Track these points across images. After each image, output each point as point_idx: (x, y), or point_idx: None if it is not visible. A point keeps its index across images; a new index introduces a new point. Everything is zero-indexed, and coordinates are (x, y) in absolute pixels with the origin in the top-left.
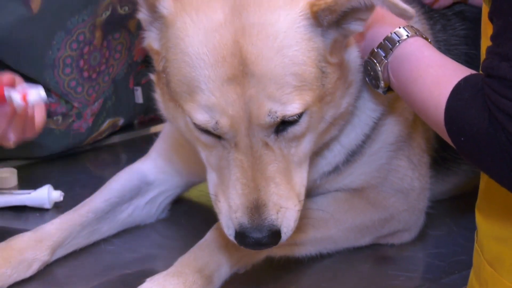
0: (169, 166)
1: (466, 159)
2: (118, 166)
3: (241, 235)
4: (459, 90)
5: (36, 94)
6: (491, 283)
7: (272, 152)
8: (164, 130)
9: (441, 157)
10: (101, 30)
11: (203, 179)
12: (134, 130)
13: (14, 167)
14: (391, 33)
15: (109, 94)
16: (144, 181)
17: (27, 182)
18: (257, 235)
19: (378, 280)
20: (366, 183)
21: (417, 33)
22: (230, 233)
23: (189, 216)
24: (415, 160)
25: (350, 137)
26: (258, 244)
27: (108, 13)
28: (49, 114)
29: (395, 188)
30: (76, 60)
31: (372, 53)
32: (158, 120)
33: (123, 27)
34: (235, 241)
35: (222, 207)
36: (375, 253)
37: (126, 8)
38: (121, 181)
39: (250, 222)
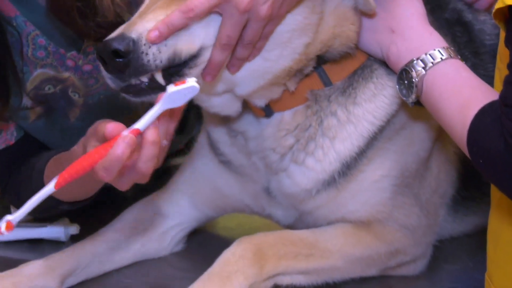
0: (185, 199)
1: (486, 178)
2: (136, 198)
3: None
4: (483, 114)
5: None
6: None
7: None
8: (185, 163)
9: (461, 196)
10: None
11: (219, 214)
12: None
13: None
14: (434, 49)
15: None
16: (158, 213)
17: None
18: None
19: None
20: (372, 216)
21: (458, 57)
22: None
23: (203, 248)
24: (424, 199)
25: (345, 145)
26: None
27: None
28: None
29: (401, 223)
30: None
31: (411, 63)
32: (178, 152)
33: None
34: None
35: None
36: (386, 285)
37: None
38: (135, 212)
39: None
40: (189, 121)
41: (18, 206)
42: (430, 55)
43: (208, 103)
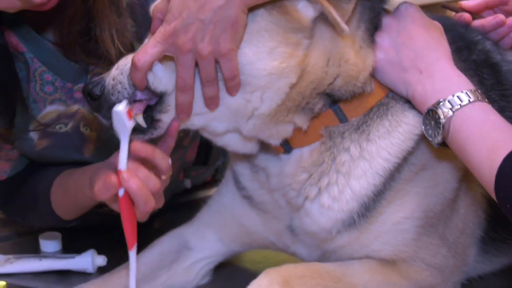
0: (211, 233)
1: None
2: (163, 230)
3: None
4: (511, 159)
5: None
6: None
7: None
8: (212, 197)
9: (490, 237)
10: None
11: (245, 249)
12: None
13: (59, 231)
14: (461, 91)
15: None
16: (185, 246)
17: (71, 246)
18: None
19: None
20: (396, 256)
21: (485, 100)
22: None
23: (229, 281)
24: (451, 239)
25: (361, 183)
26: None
27: None
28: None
29: (428, 263)
30: None
31: (438, 104)
32: (205, 185)
33: (179, 147)
34: None
35: None
36: None
37: (181, 134)
38: (162, 244)
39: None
40: (213, 151)
41: (24, 224)
42: (457, 97)
43: (221, 142)
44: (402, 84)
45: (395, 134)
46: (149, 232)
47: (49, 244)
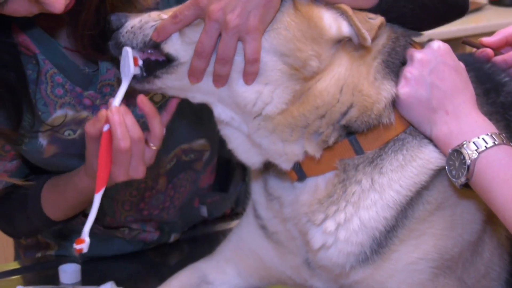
0: (231, 267)
1: None
2: (182, 263)
3: None
4: None
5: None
6: None
7: None
8: (233, 231)
9: None
10: (165, 177)
11: (264, 284)
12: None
13: (78, 262)
14: (487, 134)
15: (176, 220)
16: (204, 280)
17: (91, 277)
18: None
19: None
20: None
21: (510, 144)
22: None
23: None
24: (469, 283)
25: (370, 214)
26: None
27: (172, 163)
28: (116, 227)
29: None
30: (136, 204)
31: (463, 145)
32: (224, 218)
33: (189, 168)
34: None
35: None
36: None
37: (192, 156)
38: (181, 278)
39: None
40: (234, 179)
41: (13, 234)
42: (483, 139)
43: (224, 134)
44: (427, 123)
45: (408, 167)
46: (166, 268)
47: (69, 275)
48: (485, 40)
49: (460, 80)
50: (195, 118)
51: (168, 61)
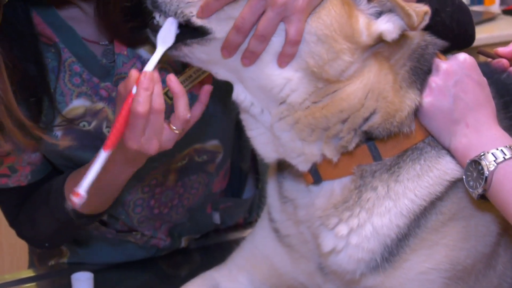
0: (243, 276)
1: None
2: (194, 272)
3: None
4: None
5: None
6: None
7: None
8: (246, 239)
9: None
10: (175, 173)
11: None
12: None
13: (91, 271)
14: (505, 146)
15: (184, 221)
16: None
17: (104, 286)
18: None
19: None
20: None
21: None
22: None
23: None
24: None
25: (383, 221)
26: None
27: (184, 161)
28: (128, 230)
29: None
30: (147, 200)
31: (481, 155)
32: (236, 227)
33: (201, 170)
34: None
35: None
36: None
37: (204, 157)
38: (192, 287)
39: None
40: (247, 185)
41: (36, 238)
42: (501, 150)
43: (251, 133)
44: (447, 134)
45: (425, 178)
46: (178, 276)
47: (82, 283)
48: (501, 50)
49: (483, 94)
50: (208, 118)
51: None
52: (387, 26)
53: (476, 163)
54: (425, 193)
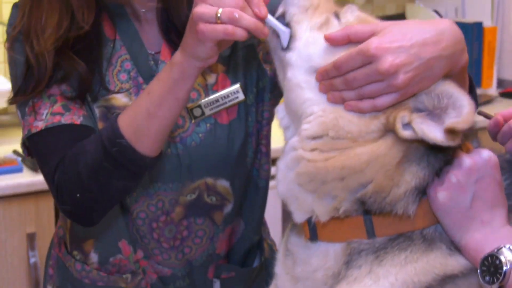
0: None
1: None
2: None
3: None
4: None
5: None
6: None
7: None
8: None
9: None
10: (183, 207)
11: None
12: None
13: None
14: None
15: (182, 274)
16: None
17: None
18: None
19: None
20: None
21: None
22: None
23: None
24: None
25: None
26: None
27: (193, 196)
28: (118, 270)
29: None
30: (150, 219)
31: (499, 250)
32: None
33: (208, 216)
34: None
35: None
36: None
37: (213, 199)
38: None
39: None
40: (251, 254)
41: (75, 172)
42: None
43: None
44: (458, 229)
45: (407, 267)
46: None
47: None
48: (501, 113)
49: (501, 194)
50: (224, 156)
51: None
52: (437, 135)
53: (493, 258)
54: (408, 280)
